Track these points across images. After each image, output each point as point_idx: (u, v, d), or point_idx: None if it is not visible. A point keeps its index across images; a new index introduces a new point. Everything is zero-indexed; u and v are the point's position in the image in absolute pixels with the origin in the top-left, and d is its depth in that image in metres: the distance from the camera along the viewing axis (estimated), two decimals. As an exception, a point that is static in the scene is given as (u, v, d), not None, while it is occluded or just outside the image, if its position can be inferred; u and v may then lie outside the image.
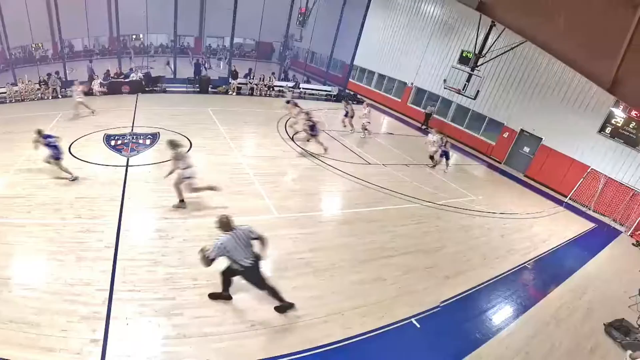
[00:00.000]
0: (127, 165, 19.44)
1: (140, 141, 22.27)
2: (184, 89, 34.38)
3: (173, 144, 15.27)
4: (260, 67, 38.88)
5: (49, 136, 18.39)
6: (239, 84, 35.17)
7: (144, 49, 44.37)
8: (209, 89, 33.49)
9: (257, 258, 10.37)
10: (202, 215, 15.44)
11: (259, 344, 10.03)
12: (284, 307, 11.11)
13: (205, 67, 39.14)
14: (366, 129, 26.56)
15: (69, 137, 22.34)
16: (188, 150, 20.59)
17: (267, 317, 10.83)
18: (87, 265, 12.47)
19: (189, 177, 15.41)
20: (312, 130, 22.92)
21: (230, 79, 33.85)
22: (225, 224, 10.11)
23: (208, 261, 9.86)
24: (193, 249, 12.87)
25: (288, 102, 28.38)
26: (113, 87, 33.47)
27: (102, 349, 9.55)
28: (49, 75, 35.14)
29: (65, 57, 39.22)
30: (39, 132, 18.72)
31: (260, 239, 10.50)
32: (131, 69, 35.61)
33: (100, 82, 33.75)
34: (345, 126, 27.47)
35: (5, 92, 35.12)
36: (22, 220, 15.29)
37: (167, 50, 43.42)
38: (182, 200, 15.95)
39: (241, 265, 10.08)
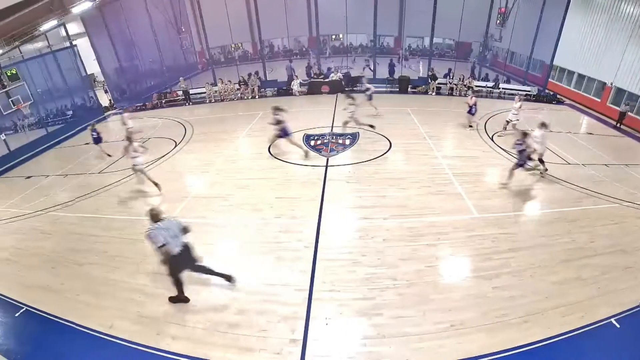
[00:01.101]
0: (326, 165, 20.46)
1: (340, 141, 23.34)
2: (384, 89, 34.97)
3: (128, 138, 18.90)
4: (459, 67, 38.84)
5: (95, 130, 24.24)
6: (439, 84, 35.29)
7: (344, 49, 45.50)
8: (409, 88, 33.86)
9: (185, 246, 11.39)
10: (404, 216, 15.75)
11: (459, 344, 10.08)
12: (226, 277, 12.45)
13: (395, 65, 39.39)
14: (512, 123, 24.66)
15: (269, 137, 23.65)
16: (387, 151, 21.34)
17: (467, 317, 10.89)
18: (287, 265, 13.40)
19: (141, 165, 18.97)
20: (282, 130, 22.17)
21: (429, 79, 34.30)
22: (154, 216, 11.01)
23: (160, 251, 10.86)
24: (393, 249, 13.72)
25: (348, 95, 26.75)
26: (312, 87, 35.01)
27: (301, 349, 10.10)
28: (249, 75, 37.21)
29: (265, 57, 41.13)
30: (92, 126, 23.71)
31: (185, 229, 11.46)
32: (329, 69, 36.88)
33: (300, 82, 35.49)
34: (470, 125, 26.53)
35: (205, 92, 37.78)
36: (222, 220, 16.84)
37: (367, 50, 44.23)
38: (156, 184, 19.04)
39: (171, 252, 10.95)
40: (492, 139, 24.41)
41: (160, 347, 10.76)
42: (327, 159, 21.14)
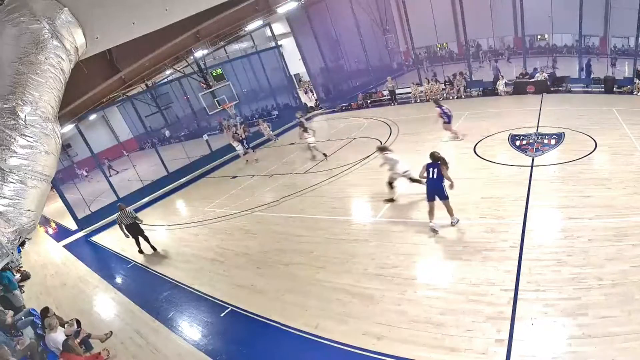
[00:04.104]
0: (532, 166, 20.26)
1: (545, 141, 23.06)
2: (589, 89, 33.91)
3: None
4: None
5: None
6: (645, 84, 33.63)
7: (549, 49, 44.75)
8: (614, 89, 32.74)
9: (133, 222, 21.64)
10: (609, 215, 14.88)
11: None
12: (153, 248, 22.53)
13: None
14: None
15: (474, 137, 24.43)
16: (592, 151, 20.82)
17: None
18: (492, 265, 13.43)
19: None
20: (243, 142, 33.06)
21: (635, 78, 33.26)
22: (121, 208, 21.60)
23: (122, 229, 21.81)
24: (599, 249, 13.06)
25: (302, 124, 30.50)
26: (518, 88, 34.86)
27: (506, 349, 10.13)
28: (454, 75, 37.87)
29: (470, 57, 41.41)
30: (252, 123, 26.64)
31: (136, 217, 21.73)
32: (535, 69, 36.64)
33: (506, 83, 35.56)
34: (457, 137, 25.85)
35: (410, 92, 38.96)
36: (424, 220, 17.15)
37: (572, 50, 43.33)
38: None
39: (125, 223, 21.49)
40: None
41: (365, 347, 11.57)
42: (533, 159, 21.02)
